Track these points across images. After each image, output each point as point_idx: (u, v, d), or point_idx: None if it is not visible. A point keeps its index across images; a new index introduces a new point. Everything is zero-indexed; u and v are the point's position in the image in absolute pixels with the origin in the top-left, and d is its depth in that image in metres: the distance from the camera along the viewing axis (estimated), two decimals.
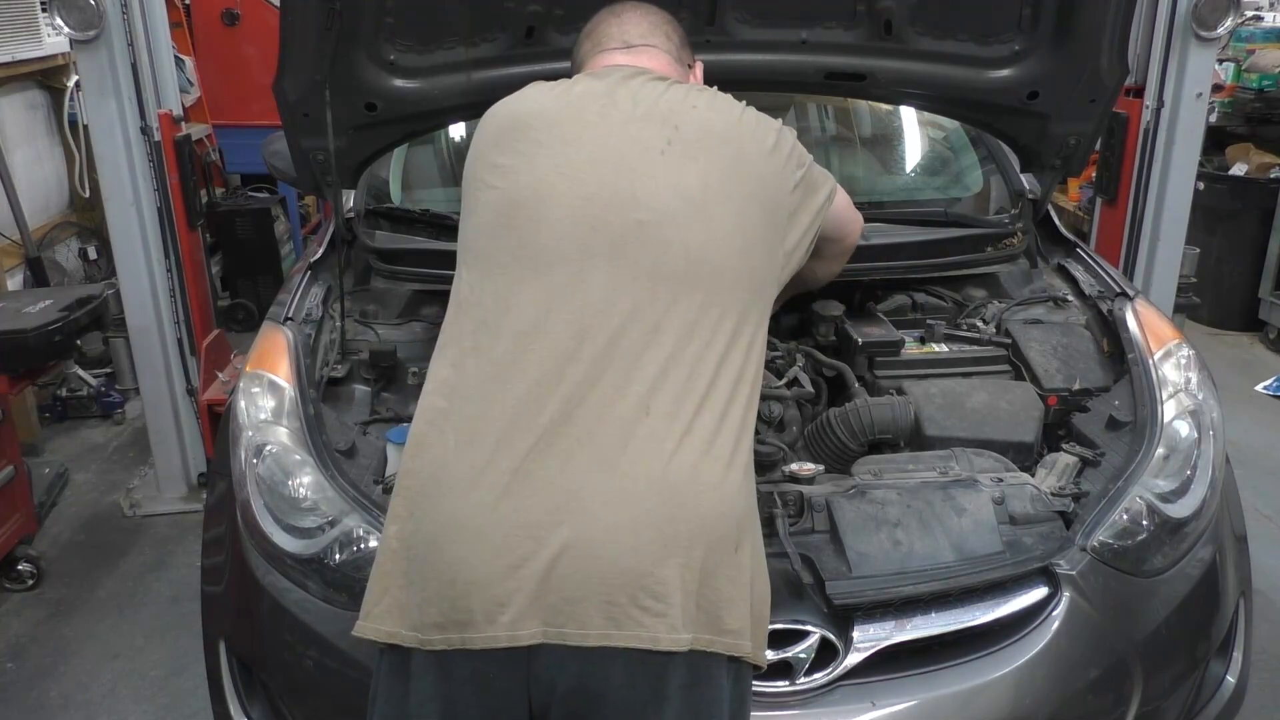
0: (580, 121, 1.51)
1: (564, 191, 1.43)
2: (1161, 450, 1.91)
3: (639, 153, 1.46)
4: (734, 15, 2.12)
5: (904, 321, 2.37)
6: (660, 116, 1.50)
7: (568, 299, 1.36)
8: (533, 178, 1.46)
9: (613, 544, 1.24)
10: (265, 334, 2.13)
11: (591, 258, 1.38)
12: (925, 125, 3.05)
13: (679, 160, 1.46)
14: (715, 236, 1.43)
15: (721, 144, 1.50)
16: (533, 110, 1.56)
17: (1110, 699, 1.73)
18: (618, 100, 1.53)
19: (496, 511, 1.26)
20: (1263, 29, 6.33)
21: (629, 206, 1.41)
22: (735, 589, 1.30)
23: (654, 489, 1.27)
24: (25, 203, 4.57)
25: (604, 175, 1.44)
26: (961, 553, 1.72)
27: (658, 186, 1.43)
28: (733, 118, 1.55)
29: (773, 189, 1.54)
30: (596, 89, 1.56)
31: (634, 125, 1.49)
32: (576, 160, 1.46)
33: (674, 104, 1.53)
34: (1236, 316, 5.44)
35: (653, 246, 1.39)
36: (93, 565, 3.38)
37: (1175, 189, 3.64)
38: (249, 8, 5.37)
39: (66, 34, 3.20)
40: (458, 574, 1.25)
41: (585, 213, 1.41)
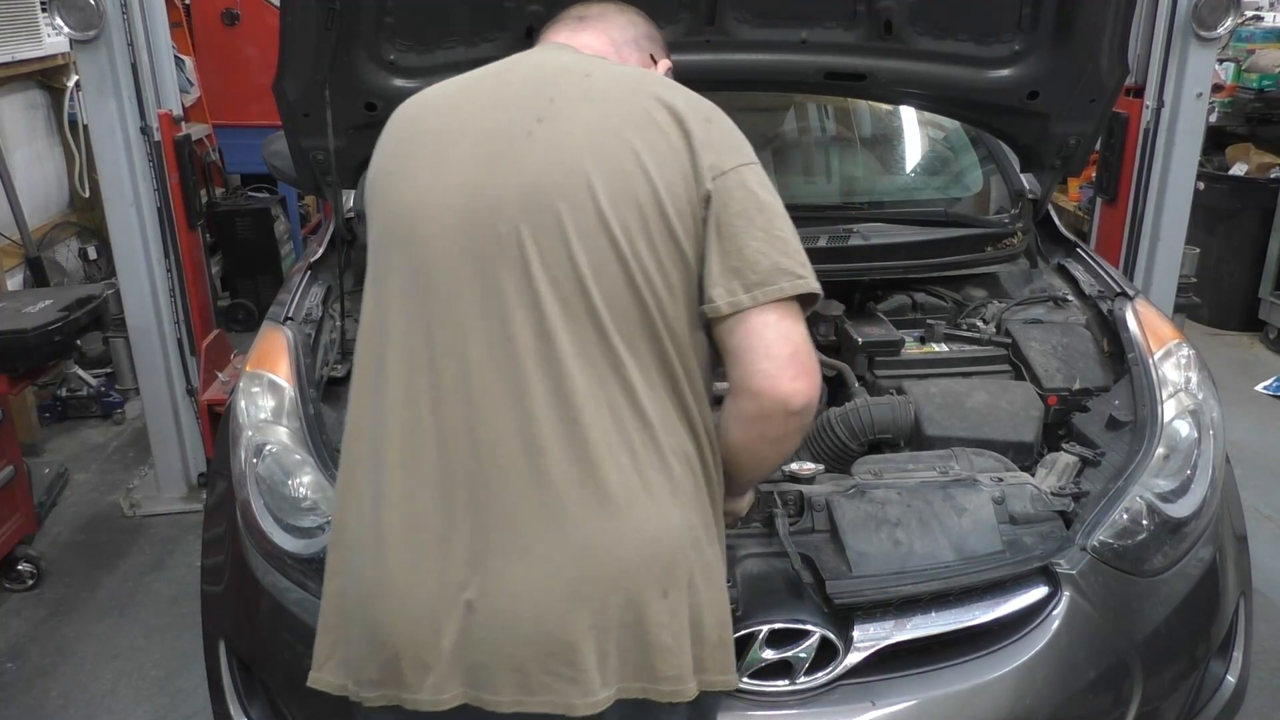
0: (459, 111, 1.33)
1: (435, 202, 1.26)
2: (1161, 450, 1.91)
3: (505, 141, 1.26)
4: (734, 15, 2.12)
5: (904, 321, 2.37)
6: (534, 86, 1.30)
7: (452, 336, 1.23)
8: (410, 186, 1.29)
9: (518, 607, 1.18)
10: (265, 334, 2.13)
11: (465, 283, 1.23)
12: (925, 125, 3.05)
13: (547, 145, 1.24)
14: (597, 244, 1.22)
15: (602, 121, 1.27)
16: (427, 103, 1.38)
17: (1110, 699, 1.73)
18: (505, 80, 1.35)
19: (418, 573, 1.22)
20: (1263, 29, 6.33)
21: (495, 213, 1.23)
22: (669, 634, 1.21)
23: (559, 544, 1.19)
24: (25, 203, 4.57)
25: (469, 175, 1.26)
26: (961, 552, 1.72)
27: (520, 183, 1.23)
28: (625, 86, 1.31)
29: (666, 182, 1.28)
30: (490, 71, 1.38)
31: (508, 108, 1.29)
32: (446, 159, 1.28)
33: (561, 72, 1.32)
34: (1236, 316, 5.43)
35: (529, 261, 1.21)
36: (93, 565, 3.38)
37: (1175, 189, 3.64)
38: (249, 8, 5.37)
39: (66, 34, 3.20)
40: (387, 636, 1.23)
41: (452, 224, 1.25)
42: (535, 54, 1.41)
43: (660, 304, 1.23)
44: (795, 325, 1.24)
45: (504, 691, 1.19)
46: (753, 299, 1.22)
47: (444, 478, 1.22)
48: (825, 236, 2.39)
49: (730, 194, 1.24)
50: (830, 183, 2.96)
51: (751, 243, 1.23)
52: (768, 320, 1.22)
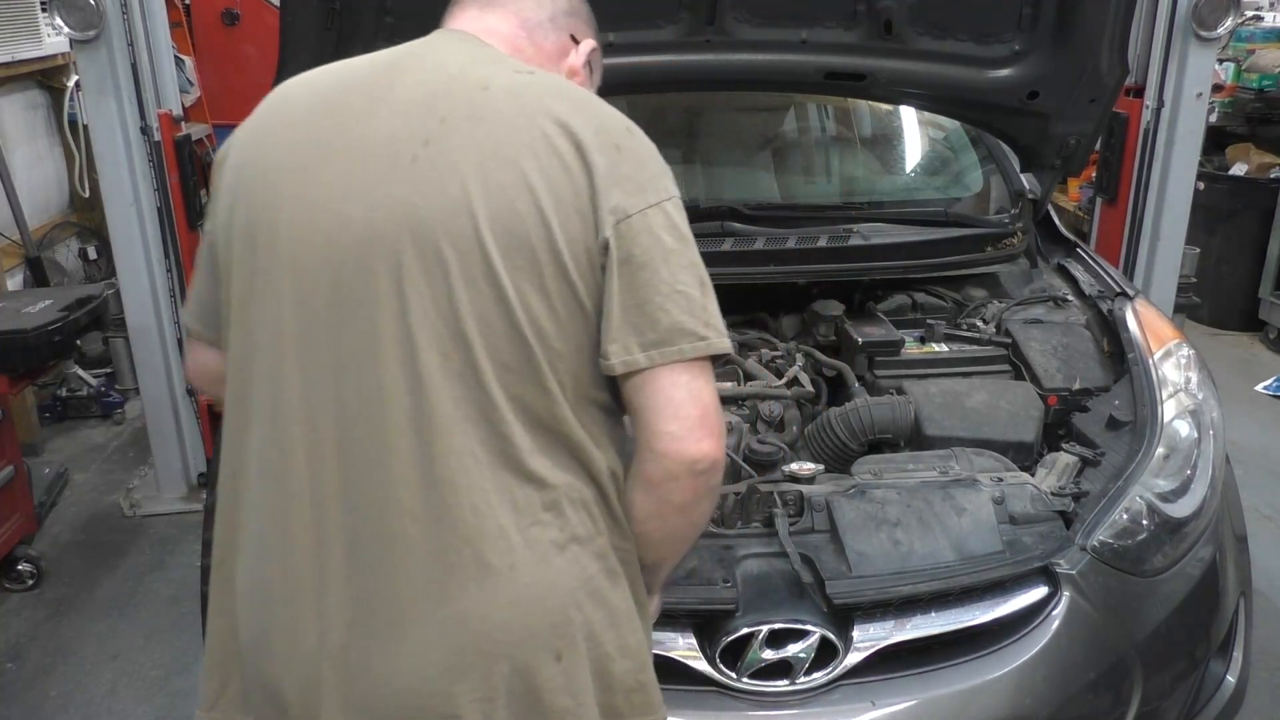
0: (330, 113, 1.17)
1: (299, 223, 1.13)
2: (1161, 450, 1.91)
3: (385, 163, 1.12)
4: (734, 15, 2.12)
5: (904, 321, 2.37)
6: (425, 101, 1.15)
7: (323, 384, 1.13)
8: (266, 201, 1.15)
9: (399, 682, 1.12)
10: None
11: (340, 326, 1.12)
12: (925, 125, 3.05)
13: (429, 172, 1.11)
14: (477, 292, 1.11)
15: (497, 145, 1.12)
16: (292, 96, 1.23)
17: (1110, 699, 1.73)
18: (384, 80, 1.18)
19: (301, 635, 1.15)
20: (1263, 29, 6.33)
21: (364, 248, 1.10)
22: (566, 696, 1.14)
23: (438, 615, 1.11)
24: (25, 203, 4.57)
25: (331, 199, 1.12)
26: (961, 552, 1.72)
27: (392, 213, 1.10)
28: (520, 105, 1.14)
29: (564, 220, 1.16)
30: (367, 64, 1.22)
31: (382, 121, 1.14)
32: (307, 174, 1.14)
33: (456, 83, 1.16)
34: (1236, 316, 5.43)
35: (393, 305, 1.10)
36: (93, 565, 3.38)
37: (1175, 189, 3.64)
38: (249, 8, 5.37)
39: (66, 34, 3.20)
40: (274, 688, 1.18)
41: (310, 256, 1.12)
42: (433, 48, 1.23)
43: (552, 357, 1.12)
44: (705, 384, 1.14)
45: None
46: (649, 359, 1.11)
47: (320, 539, 1.14)
48: (825, 236, 2.39)
49: (634, 241, 1.11)
50: (830, 183, 2.96)
51: (654, 297, 1.11)
52: (676, 380, 1.12)
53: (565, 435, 1.15)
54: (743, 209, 2.47)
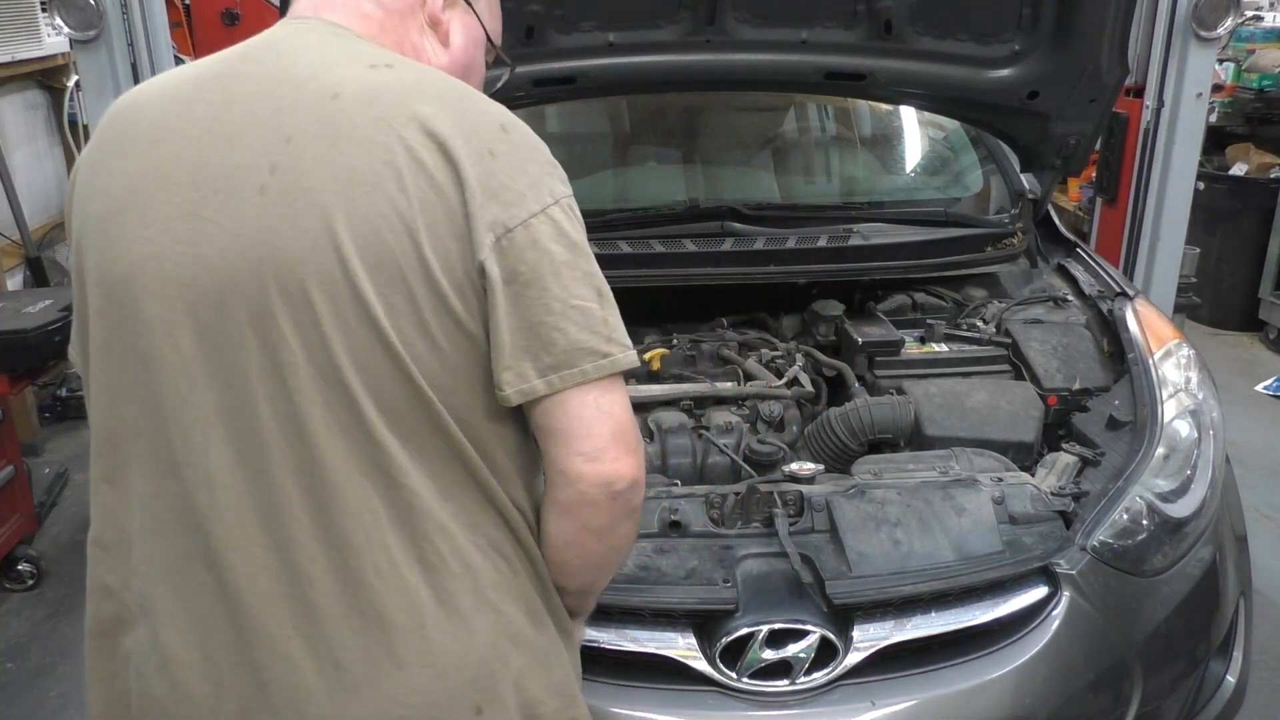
0: (180, 135, 1.03)
1: (150, 270, 1.00)
2: (1161, 450, 1.91)
3: (236, 198, 0.99)
4: (734, 15, 2.12)
5: (904, 321, 2.37)
6: (271, 118, 1.01)
7: (193, 446, 1.02)
8: (116, 239, 1.02)
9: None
10: None
11: (206, 380, 1.01)
12: (925, 125, 3.05)
13: (280, 207, 0.98)
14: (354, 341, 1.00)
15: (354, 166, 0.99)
16: (138, 107, 1.08)
17: (1110, 699, 1.73)
18: (236, 92, 1.03)
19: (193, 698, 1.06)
20: (1263, 29, 6.33)
21: (224, 296, 0.99)
22: None
23: (344, 676, 1.02)
24: (25, 203, 4.57)
25: (193, 237, 1.00)
26: (961, 552, 1.72)
27: (240, 259, 0.99)
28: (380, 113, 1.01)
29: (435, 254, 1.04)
30: (218, 70, 1.07)
31: (239, 143, 1.01)
32: (159, 212, 1.01)
33: (305, 92, 1.01)
34: (1236, 316, 5.43)
35: (290, 359, 0.99)
36: None
37: (1175, 189, 3.64)
38: (249, 8, 5.37)
39: (66, 34, 3.20)
40: None
41: (170, 308, 1.00)
42: (274, 47, 1.08)
43: (442, 393, 1.02)
44: (615, 398, 1.04)
45: None
46: (549, 385, 1.01)
47: (204, 630, 1.04)
48: (825, 236, 2.39)
49: (519, 256, 0.99)
50: (830, 183, 2.96)
51: (546, 317, 1.00)
52: (584, 400, 1.02)
53: (469, 476, 1.06)
54: (743, 209, 2.47)
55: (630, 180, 2.85)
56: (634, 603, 1.61)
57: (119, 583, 1.10)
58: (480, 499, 1.08)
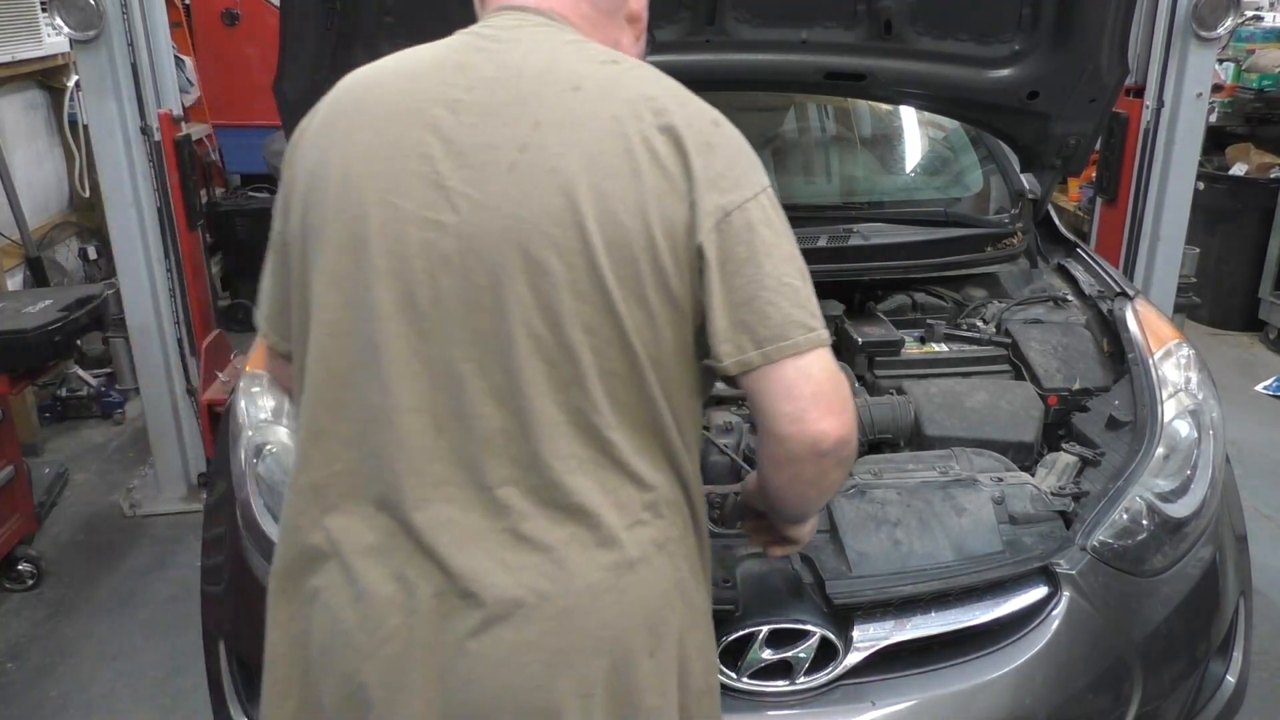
0: (420, 113, 1.13)
1: (389, 230, 1.11)
2: (1161, 450, 1.91)
3: (487, 169, 1.10)
4: (734, 15, 2.12)
5: (904, 321, 2.37)
6: (518, 104, 1.12)
7: (415, 371, 1.11)
8: (351, 201, 1.13)
9: (498, 675, 1.10)
10: None
11: (419, 336, 1.11)
12: (925, 125, 3.05)
13: (528, 178, 1.10)
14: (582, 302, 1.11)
15: (595, 149, 1.11)
16: (367, 88, 1.19)
17: (1110, 699, 1.73)
18: (478, 76, 1.14)
19: (390, 629, 1.13)
20: (1263, 29, 6.33)
21: (466, 257, 1.10)
22: (655, 695, 1.15)
23: (542, 609, 1.10)
24: (25, 203, 4.57)
25: (433, 202, 1.10)
26: (961, 552, 1.72)
27: (488, 223, 1.10)
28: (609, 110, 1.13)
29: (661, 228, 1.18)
30: (452, 57, 1.18)
31: (488, 120, 1.12)
32: (404, 178, 1.12)
33: (547, 83, 1.13)
34: (1236, 316, 5.43)
35: (492, 316, 1.10)
36: (93, 565, 3.38)
37: (1175, 189, 3.64)
38: (249, 8, 5.37)
39: (66, 34, 3.21)
40: (354, 693, 1.14)
41: (408, 262, 1.11)
42: (500, 40, 1.18)
43: (652, 364, 1.12)
44: (816, 361, 1.12)
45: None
46: (764, 356, 1.10)
47: (401, 566, 1.13)
48: (825, 236, 2.39)
49: (736, 238, 1.10)
50: (830, 183, 2.96)
51: (760, 293, 1.10)
52: (793, 367, 1.11)
53: (663, 439, 1.16)
54: None
55: None
56: None
57: (311, 523, 1.17)
58: (666, 462, 1.18)
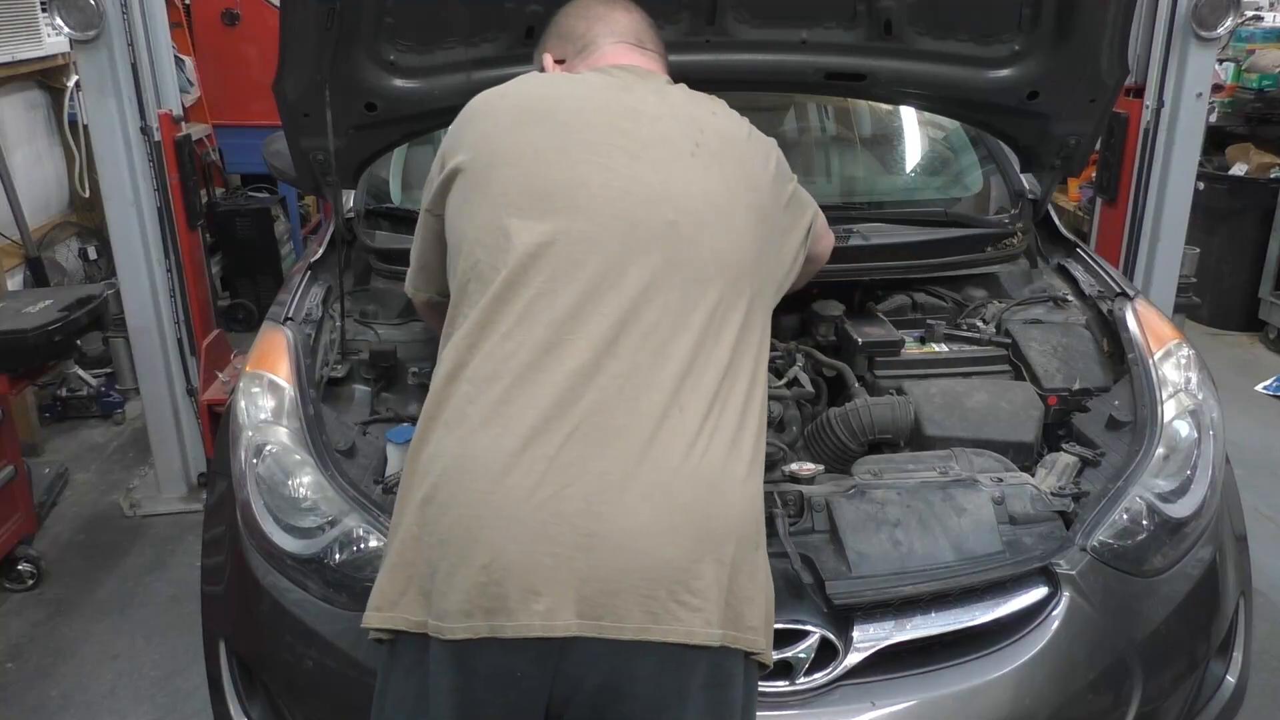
0: (609, 112, 1.49)
1: (600, 183, 1.41)
2: (1161, 450, 1.91)
3: (671, 153, 1.46)
4: (734, 15, 2.12)
5: (904, 321, 2.37)
6: (686, 119, 1.51)
7: (605, 292, 1.34)
8: (566, 164, 1.43)
9: (651, 537, 1.24)
10: (265, 334, 2.13)
11: (629, 253, 1.37)
12: (925, 125, 3.05)
13: (705, 164, 1.46)
14: (737, 243, 1.44)
15: (736, 154, 1.52)
16: (550, 95, 1.54)
17: (1110, 699, 1.73)
18: (640, 97, 1.53)
19: (533, 499, 1.23)
20: (1263, 29, 6.33)
21: (662, 205, 1.41)
22: (755, 587, 1.31)
23: (689, 484, 1.28)
24: (25, 203, 4.57)
25: (640, 171, 1.43)
26: (961, 553, 1.72)
27: (688, 188, 1.43)
28: (743, 131, 1.57)
29: (771, 205, 1.55)
30: (613, 83, 1.55)
31: (662, 124, 1.49)
32: (610, 152, 1.44)
33: (695, 109, 1.55)
34: (1236, 316, 5.44)
35: (684, 247, 1.39)
36: (93, 565, 3.38)
37: (1175, 189, 3.64)
38: (249, 8, 5.37)
39: (66, 34, 3.20)
40: (492, 559, 1.22)
41: (622, 207, 1.40)
42: (631, 80, 1.57)
43: (771, 288, 1.55)
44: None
45: (630, 618, 1.22)
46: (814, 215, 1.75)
47: (575, 413, 1.28)
48: None
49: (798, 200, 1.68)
50: (830, 183, 2.96)
51: (800, 219, 1.69)
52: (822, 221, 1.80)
53: (757, 370, 1.43)
54: None
55: None
56: None
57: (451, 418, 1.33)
58: (764, 397, 1.44)
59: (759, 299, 1.47)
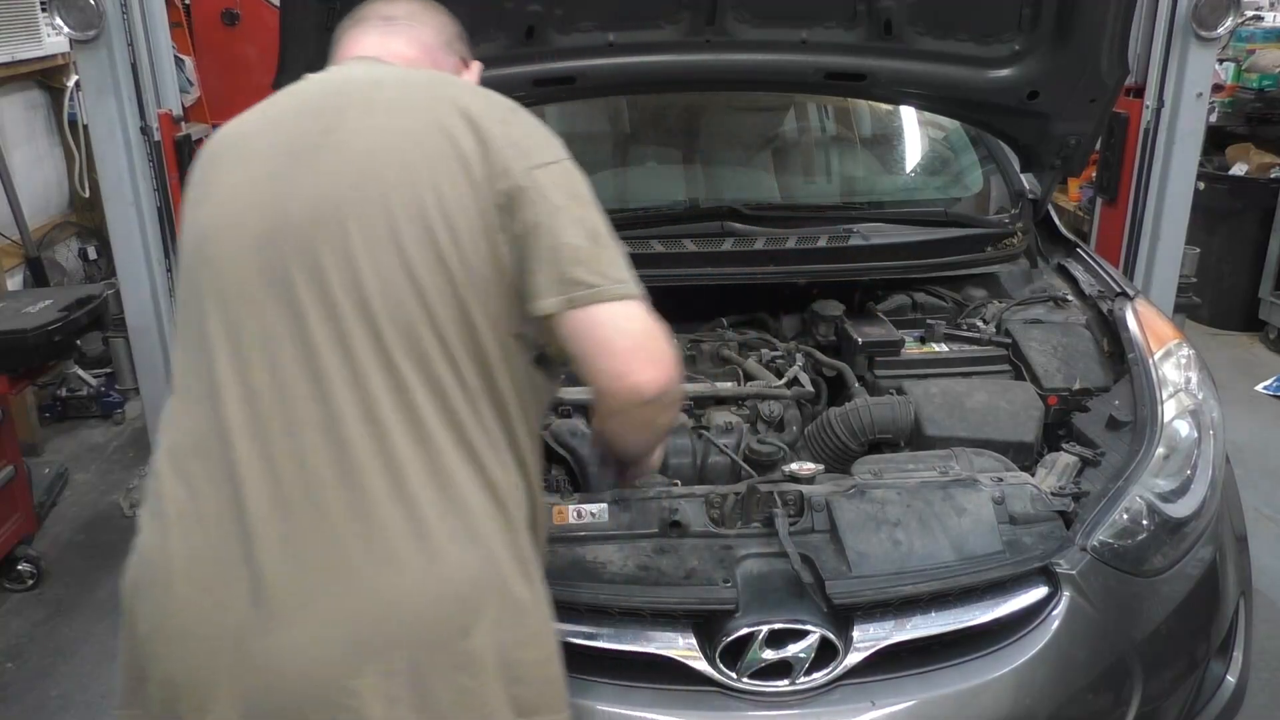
0: (263, 129, 1.30)
1: (232, 223, 1.22)
2: (1161, 450, 1.91)
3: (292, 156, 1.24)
4: (734, 15, 2.12)
5: (904, 321, 2.37)
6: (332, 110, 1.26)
7: (250, 355, 1.17)
8: (209, 209, 1.25)
9: (304, 652, 1.11)
10: None
11: (272, 307, 1.17)
12: (925, 125, 3.05)
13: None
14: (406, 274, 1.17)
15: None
16: (233, 126, 1.34)
17: (1110, 699, 1.73)
18: (305, 93, 1.33)
19: (200, 609, 1.15)
20: (1263, 29, 6.33)
21: (283, 234, 1.19)
22: (467, 675, 1.14)
23: (345, 581, 1.12)
24: (25, 203, 4.57)
25: (262, 194, 1.22)
26: (961, 552, 1.72)
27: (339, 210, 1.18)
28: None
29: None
30: (298, 85, 1.35)
31: (300, 120, 1.27)
32: (243, 181, 1.25)
33: (346, 83, 1.31)
34: (1236, 316, 5.43)
35: (335, 285, 1.16)
36: (93, 565, 3.38)
37: (1175, 189, 3.64)
38: (249, 8, 5.36)
39: (66, 34, 3.20)
40: (167, 673, 1.17)
41: (252, 248, 1.19)
42: (333, 71, 1.36)
43: (467, 325, 1.17)
44: (631, 317, 1.17)
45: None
46: (570, 302, 1.16)
47: (234, 516, 1.15)
48: (825, 236, 2.39)
49: (539, 193, 1.19)
50: (830, 183, 2.96)
51: (567, 241, 1.18)
52: (598, 319, 1.17)
53: (475, 408, 1.18)
54: (743, 209, 2.47)
55: (630, 180, 2.85)
56: (634, 603, 1.61)
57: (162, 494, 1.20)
58: (506, 447, 1.21)
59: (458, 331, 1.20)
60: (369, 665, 1.11)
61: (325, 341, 1.15)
